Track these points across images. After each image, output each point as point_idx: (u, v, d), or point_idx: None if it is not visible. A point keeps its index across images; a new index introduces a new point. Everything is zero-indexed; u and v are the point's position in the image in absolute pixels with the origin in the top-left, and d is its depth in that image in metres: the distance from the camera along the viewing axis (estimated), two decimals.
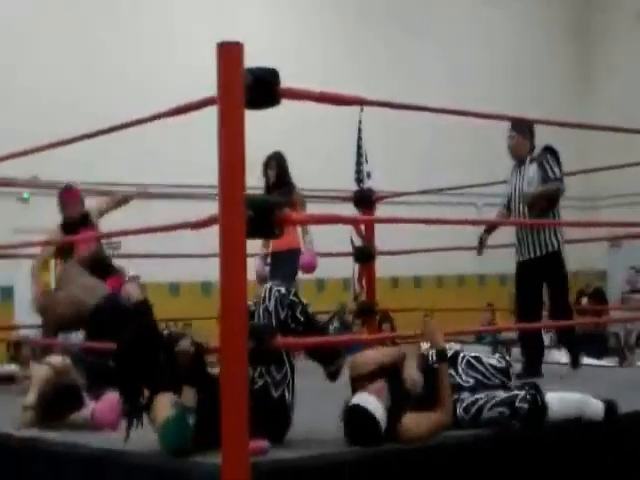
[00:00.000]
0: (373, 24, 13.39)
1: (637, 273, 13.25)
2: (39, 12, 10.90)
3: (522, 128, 5.83)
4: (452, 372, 3.78)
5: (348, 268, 7.85)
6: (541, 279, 5.87)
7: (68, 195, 6.33)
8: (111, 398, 3.91)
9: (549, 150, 5.82)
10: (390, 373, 3.65)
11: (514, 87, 14.28)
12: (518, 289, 6.04)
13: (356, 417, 3.44)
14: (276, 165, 6.66)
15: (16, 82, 10.61)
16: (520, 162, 5.89)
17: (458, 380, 3.80)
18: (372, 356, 3.78)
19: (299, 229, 6.61)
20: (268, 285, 3.66)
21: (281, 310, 3.56)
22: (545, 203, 5.72)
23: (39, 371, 4.43)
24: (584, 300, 11.96)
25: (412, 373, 3.63)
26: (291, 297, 3.61)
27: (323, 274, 7.48)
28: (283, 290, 3.61)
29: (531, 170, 5.78)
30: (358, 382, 3.66)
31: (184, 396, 3.26)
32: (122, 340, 3.42)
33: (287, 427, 3.52)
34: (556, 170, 5.74)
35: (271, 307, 3.55)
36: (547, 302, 6.04)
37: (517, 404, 3.72)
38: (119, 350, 3.40)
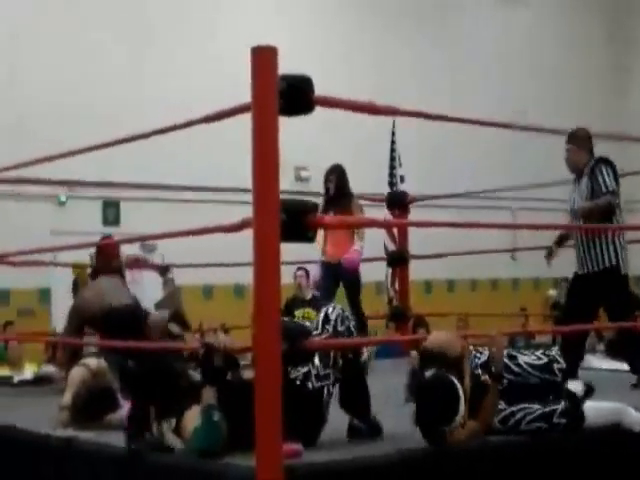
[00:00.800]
0: (401, 34, 13.33)
1: None
2: (39, 12, 10.86)
3: (577, 140, 5.59)
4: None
5: (381, 272, 7.86)
6: (595, 296, 5.48)
7: (103, 244, 6.39)
8: None
9: (602, 161, 5.52)
10: (456, 367, 3.60)
11: (546, 94, 14.16)
12: (567, 300, 5.80)
13: (443, 386, 3.41)
14: (336, 178, 6.99)
15: (18, 82, 10.57)
16: (579, 175, 5.59)
17: None
18: (456, 342, 3.68)
19: (356, 238, 6.82)
20: (333, 304, 3.78)
21: (340, 325, 3.64)
22: (598, 215, 5.40)
23: (76, 372, 4.51)
24: None
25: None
26: (351, 323, 3.71)
27: None
28: (346, 313, 3.73)
29: (584, 183, 5.52)
30: (437, 360, 3.58)
31: (204, 397, 3.30)
32: (137, 377, 3.50)
33: (322, 424, 3.54)
34: (608, 182, 5.40)
35: (332, 317, 3.63)
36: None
37: (555, 419, 3.67)
38: (135, 387, 3.46)
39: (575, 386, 3.98)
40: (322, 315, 3.65)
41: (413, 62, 13.29)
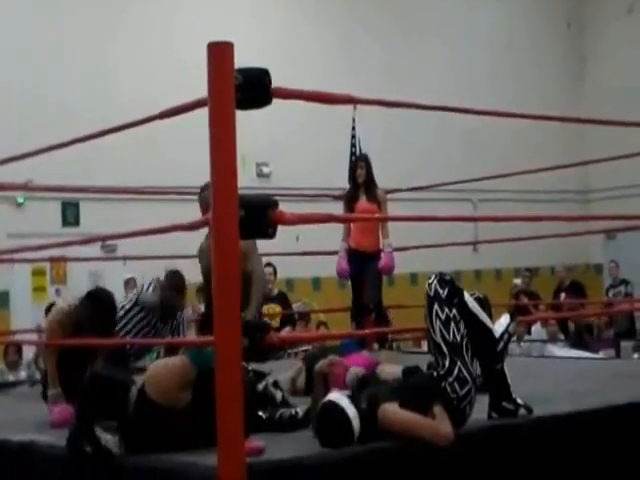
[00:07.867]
0: (368, 25, 13.34)
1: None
2: (35, 14, 10.83)
3: None
4: None
5: None
6: None
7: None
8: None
9: None
10: None
11: (507, 83, 14.27)
12: None
13: (330, 416, 3.38)
14: (366, 165, 7.11)
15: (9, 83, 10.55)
16: None
17: None
18: None
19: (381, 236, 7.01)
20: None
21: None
22: None
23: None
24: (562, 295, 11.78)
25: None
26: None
27: (318, 273, 7.48)
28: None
29: None
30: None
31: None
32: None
33: None
34: None
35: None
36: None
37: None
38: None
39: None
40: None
41: (383, 55, 13.32)
